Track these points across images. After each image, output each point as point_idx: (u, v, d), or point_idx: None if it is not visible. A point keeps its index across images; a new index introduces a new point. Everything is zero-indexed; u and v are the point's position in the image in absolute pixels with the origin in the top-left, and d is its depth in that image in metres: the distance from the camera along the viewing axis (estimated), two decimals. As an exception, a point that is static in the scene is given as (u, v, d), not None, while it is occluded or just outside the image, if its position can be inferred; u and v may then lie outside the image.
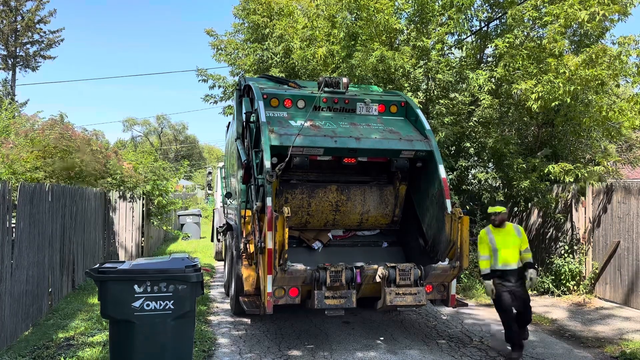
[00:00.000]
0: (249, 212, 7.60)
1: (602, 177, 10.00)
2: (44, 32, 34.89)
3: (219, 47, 14.51)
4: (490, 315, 8.76)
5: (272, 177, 6.52)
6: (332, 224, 8.10)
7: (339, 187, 7.98)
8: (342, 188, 7.98)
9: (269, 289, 6.37)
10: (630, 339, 7.31)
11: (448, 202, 7.05)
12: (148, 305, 4.90)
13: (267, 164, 6.62)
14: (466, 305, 7.63)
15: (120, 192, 14.22)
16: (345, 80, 8.14)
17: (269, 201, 6.43)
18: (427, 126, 7.81)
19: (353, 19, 11.40)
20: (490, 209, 7.03)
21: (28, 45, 34.78)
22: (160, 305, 4.93)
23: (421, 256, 7.54)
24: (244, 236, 7.77)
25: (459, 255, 6.69)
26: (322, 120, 7.67)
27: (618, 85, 10.37)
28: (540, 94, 9.47)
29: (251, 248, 7.36)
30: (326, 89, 8.00)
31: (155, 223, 15.53)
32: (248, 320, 8.19)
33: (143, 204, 14.56)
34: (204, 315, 8.46)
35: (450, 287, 7.14)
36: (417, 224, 7.88)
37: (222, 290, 10.58)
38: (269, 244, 6.26)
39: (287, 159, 6.80)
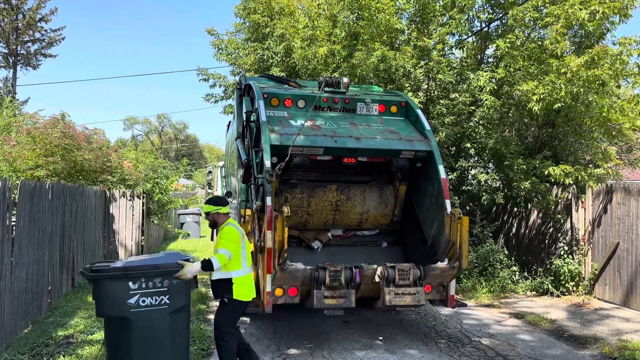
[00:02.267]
0: (248, 212, 7.61)
1: (600, 178, 10.00)
2: (45, 31, 34.98)
3: (220, 47, 14.51)
4: (489, 316, 8.77)
5: (272, 177, 6.53)
6: (332, 223, 8.11)
7: (338, 186, 7.99)
8: (342, 188, 7.99)
9: (268, 288, 6.37)
10: (629, 340, 7.31)
11: (448, 203, 7.05)
12: (144, 301, 4.91)
13: (267, 163, 6.62)
14: (465, 305, 7.64)
15: (121, 191, 14.23)
16: (345, 80, 8.14)
17: (268, 200, 6.44)
18: (427, 126, 7.81)
19: (354, 18, 11.39)
20: None
21: (29, 44, 34.86)
22: (156, 300, 4.94)
23: (421, 256, 7.54)
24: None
25: (458, 255, 6.69)
26: (322, 120, 7.67)
27: (619, 86, 10.37)
28: (541, 96, 9.47)
29: (251, 247, 7.36)
30: (327, 88, 8.00)
31: (155, 222, 15.55)
32: (247, 319, 8.19)
33: (143, 203, 14.57)
34: (204, 314, 8.47)
35: (449, 287, 7.14)
36: (417, 224, 7.89)
37: (222, 289, 10.58)
38: (269, 244, 6.27)
39: (287, 158, 6.81)
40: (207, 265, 5.27)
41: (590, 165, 11.45)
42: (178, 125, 69.49)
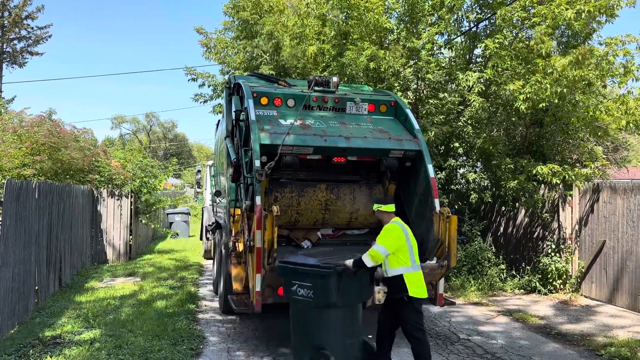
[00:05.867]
0: (238, 211, 7.60)
1: (588, 177, 10.10)
2: (32, 28, 34.61)
3: (209, 45, 14.44)
4: (478, 314, 8.82)
5: (261, 176, 6.52)
6: (322, 222, 8.11)
7: (328, 186, 7.98)
8: (332, 187, 7.99)
9: (258, 287, 6.35)
10: (615, 336, 7.40)
11: (436, 202, 7.08)
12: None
13: (257, 162, 6.61)
14: (454, 304, 7.66)
15: (108, 190, 14.14)
16: (335, 79, 8.14)
17: (258, 200, 6.42)
18: (417, 126, 7.84)
19: (344, 17, 11.39)
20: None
21: (15, 41, 34.48)
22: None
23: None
24: (233, 235, 7.76)
25: (447, 254, 6.73)
26: (312, 119, 7.67)
27: (605, 86, 10.45)
28: (528, 95, 9.54)
29: (240, 247, 7.34)
30: (316, 87, 8.00)
31: (143, 221, 15.46)
32: (237, 319, 8.18)
33: (131, 202, 14.48)
34: (193, 314, 8.43)
35: (438, 286, 7.16)
36: (407, 223, 7.88)
37: (212, 288, 10.55)
38: (258, 243, 6.25)
39: (276, 157, 6.80)
40: (358, 263, 5.44)
41: (577, 165, 11.55)
42: (167, 124, 68.95)
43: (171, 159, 20.73)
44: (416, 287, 5.56)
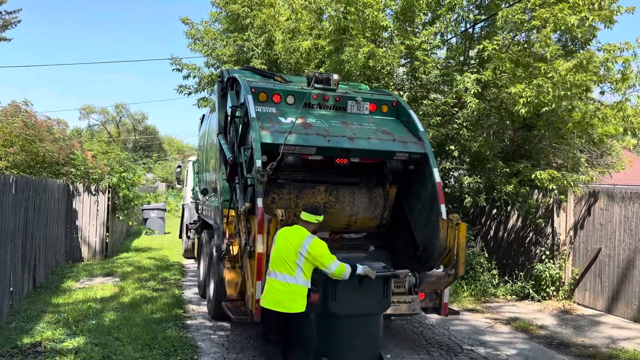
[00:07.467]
0: (232, 212, 7.21)
1: (575, 183, 10.01)
2: (0, 13, 33.21)
3: (196, 37, 13.89)
4: (475, 322, 8.61)
5: (263, 177, 6.15)
6: (320, 225, 7.75)
7: (327, 187, 7.64)
8: (331, 189, 7.65)
9: (258, 295, 5.97)
10: (620, 348, 7.26)
11: (443, 208, 6.82)
12: None
13: (258, 162, 6.23)
14: (458, 313, 7.43)
15: (85, 185, 13.50)
16: (335, 77, 7.81)
17: (259, 202, 6.05)
18: (421, 128, 7.57)
19: (343, 12, 11.04)
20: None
21: (-18, 26, 33.02)
22: None
23: (410, 261, 7.29)
24: (227, 237, 7.37)
25: (455, 262, 6.47)
26: (313, 117, 7.32)
27: (603, 92, 10.35)
28: (528, 99, 9.36)
29: (234, 250, 6.97)
30: (316, 85, 7.65)
31: (120, 217, 14.83)
32: (228, 325, 7.78)
33: (108, 197, 13.86)
34: (182, 319, 7.96)
35: (442, 295, 6.93)
36: (407, 228, 7.62)
37: (197, 290, 10.09)
38: (259, 248, 5.88)
39: (278, 157, 6.44)
40: None
41: (562, 169, 11.46)
42: (137, 115, 67.33)
43: (151, 154, 20.10)
44: (264, 293, 5.43)
